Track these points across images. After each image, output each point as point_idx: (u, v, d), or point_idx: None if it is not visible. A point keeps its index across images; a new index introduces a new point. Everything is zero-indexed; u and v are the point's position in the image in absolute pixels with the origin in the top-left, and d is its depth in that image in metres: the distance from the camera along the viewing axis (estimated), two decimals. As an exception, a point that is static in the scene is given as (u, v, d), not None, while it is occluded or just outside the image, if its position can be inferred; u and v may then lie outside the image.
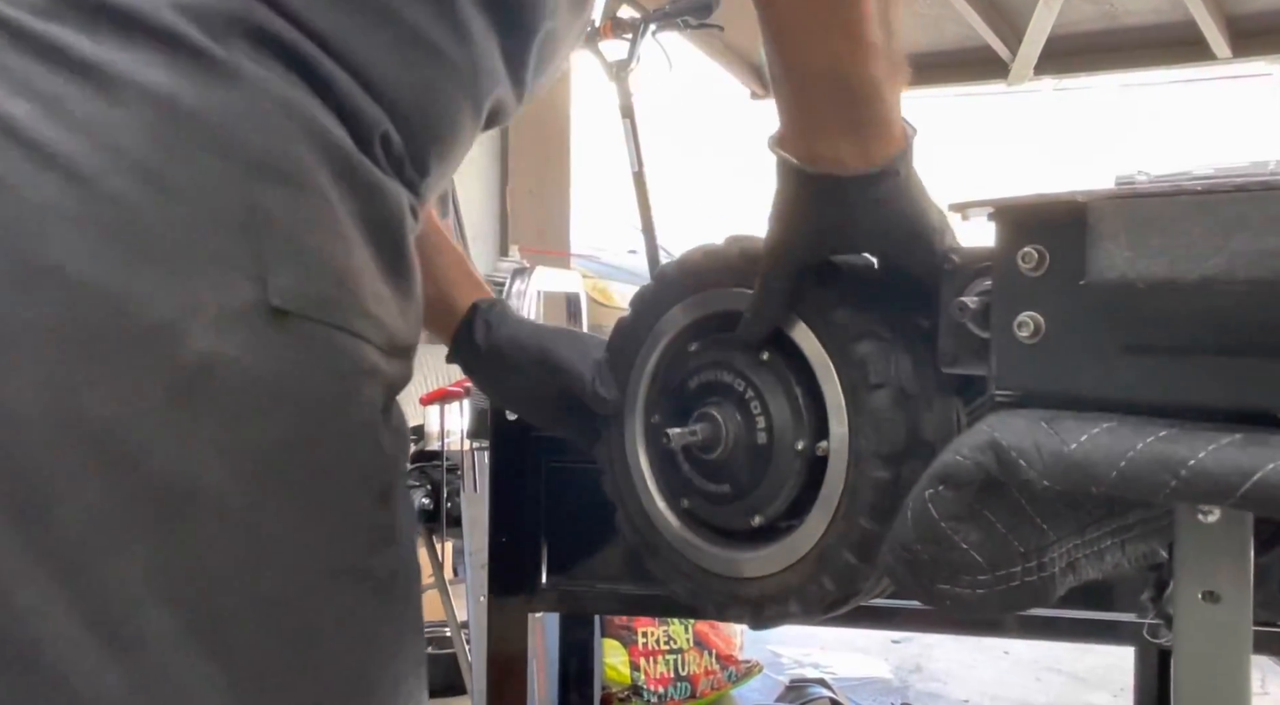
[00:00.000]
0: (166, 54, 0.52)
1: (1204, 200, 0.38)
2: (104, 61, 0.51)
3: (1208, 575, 0.47)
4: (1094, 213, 0.41)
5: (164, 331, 0.50)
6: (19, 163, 0.49)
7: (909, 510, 0.50)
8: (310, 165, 0.56)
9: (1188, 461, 0.40)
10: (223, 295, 0.52)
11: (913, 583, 0.52)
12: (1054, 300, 0.46)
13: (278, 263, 0.54)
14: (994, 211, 0.48)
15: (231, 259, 0.53)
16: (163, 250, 0.51)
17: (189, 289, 0.51)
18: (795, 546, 0.64)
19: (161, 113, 0.52)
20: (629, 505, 0.73)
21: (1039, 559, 0.52)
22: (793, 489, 0.63)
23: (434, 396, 1.55)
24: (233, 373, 0.52)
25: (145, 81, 0.52)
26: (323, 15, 0.57)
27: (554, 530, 0.94)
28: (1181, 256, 0.38)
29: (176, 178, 0.52)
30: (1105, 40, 3.55)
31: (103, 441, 0.49)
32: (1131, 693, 1.36)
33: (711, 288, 0.68)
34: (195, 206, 0.52)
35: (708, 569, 0.69)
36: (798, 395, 0.63)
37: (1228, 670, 0.47)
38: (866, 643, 3.05)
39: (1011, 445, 0.46)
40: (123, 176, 0.50)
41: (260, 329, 0.53)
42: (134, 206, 0.50)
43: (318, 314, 0.55)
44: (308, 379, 0.55)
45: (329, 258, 0.57)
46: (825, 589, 0.62)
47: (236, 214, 0.53)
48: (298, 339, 0.55)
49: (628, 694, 2.48)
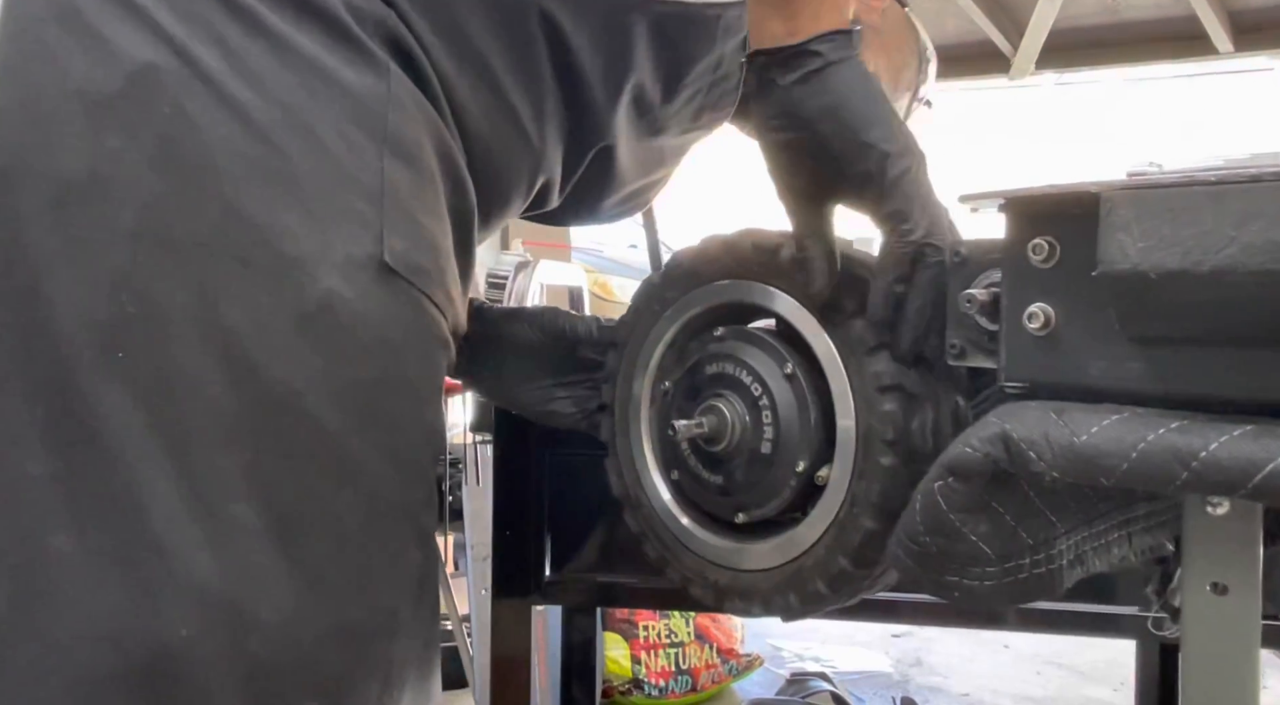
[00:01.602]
0: (333, 39, 0.60)
1: (1217, 191, 0.38)
2: (284, 32, 0.59)
3: (1216, 567, 0.47)
4: (1106, 203, 0.40)
5: (299, 265, 0.57)
6: (202, 101, 0.56)
7: (918, 502, 0.50)
8: (427, 152, 0.63)
9: (1199, 453, 0.40)
10: (350, 245, 0.59)
11: (921, 574, 0.52)
12: (1064, 292, 0.46)
13: (394, 227, 0.60)
14: (1004, 203, 0.48)
15: (360, 216, 0.59)
16: (308, 197, 0.58)
17: (324, 233, 0.58)
18: (772, 554, 0.65)
19: (324, 83, 0.59)
20: (620, 454, 0.74)
21: (1047, 551, 0.52)
22: (783, 504, 0.64)
23: (437, 390, 1.55)
24: (348, 312, 0.58)
25: (314, 54, 0.59)
26: (441, 53, 0.65)
27: (557, 523, 0.94)
28: (1194, 247, 0.38)
29: (329, 139, 0.59)
30: (1107, 34, 3.55)
31: (231, 348, 0.56)
32: (1132, 687, 1.36)
33: (751, 279, 0.67)
34: (339, 166, 0.59)
35: (682, 542, 0.70)
36: (811, 418, 0.63)
37: (1236, 662, 0.47)
38: (867, 637, 3.05)
39: (1021, 437, 0.46)
40: (286, 129, 0.58)
41: (375, 280, 0.60)
42: (291, 156, 0.58)
43: (416, 279, 0.62)
44: (403, 333, 0.62)
45: (430, 234, 0.63)
46: (790, 603, 0.64)
47: (370, 179, 0.60)
48: (400, 296, 0.61)
49: (629, 687, 2.48)
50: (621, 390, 0.74)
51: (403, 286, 0.61)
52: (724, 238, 0.69)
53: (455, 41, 0.65)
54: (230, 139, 0.56)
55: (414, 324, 0.62)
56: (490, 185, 0.71)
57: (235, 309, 0.56)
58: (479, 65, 0.67)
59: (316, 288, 0.57)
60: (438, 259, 0.64)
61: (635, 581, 0.92)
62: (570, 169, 0.76)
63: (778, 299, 0.65)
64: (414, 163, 0.62)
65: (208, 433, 0.55)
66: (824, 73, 0.60)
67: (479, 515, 1.84)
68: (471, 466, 1.72)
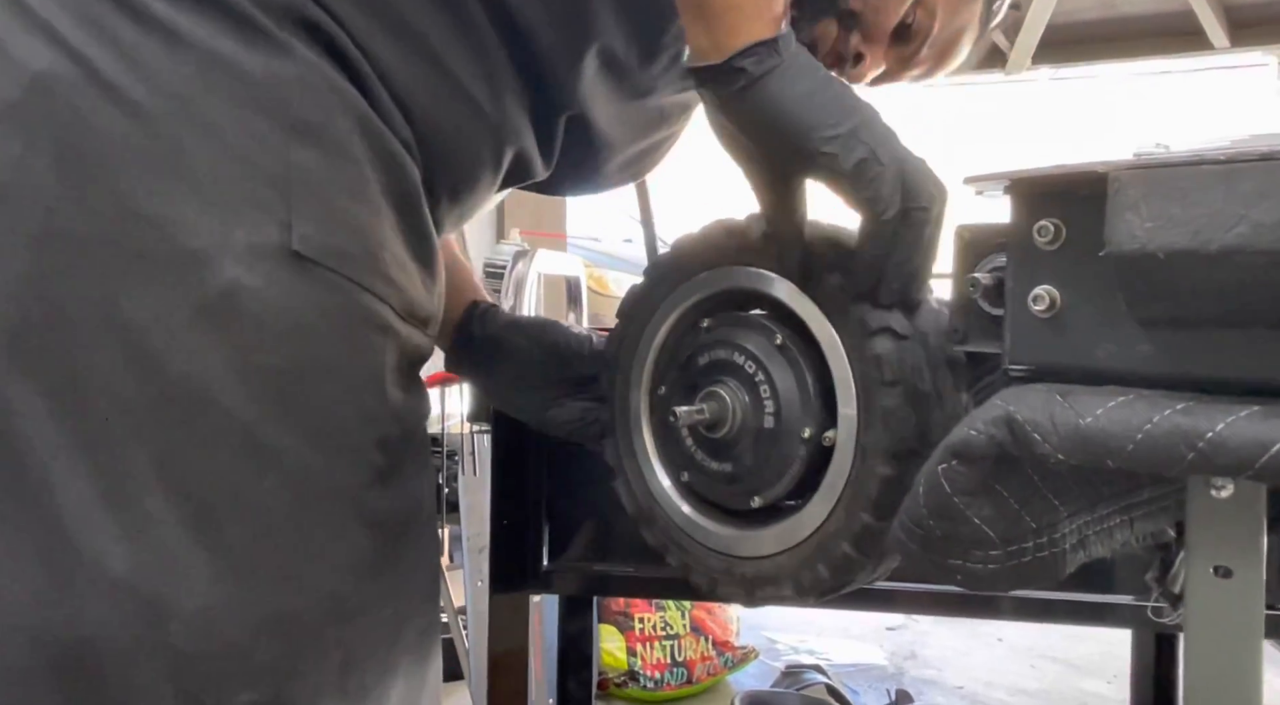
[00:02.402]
0: (232, 26, 0.59)
1: (1227, 170, 0.37)
2: (179, 24, 0.58)
3: (1220, 550, 0.47)
4: (1114, 183, 0.40)
5: (197, 257, 0.57)
6: (95, 100, 0.56)
7: (921, 485, 0.50)
8: (345, 133, 0.62)
9: (1206, 434, 0.40)
10: (252, 234, 0.58)
11: (924, 557, 0.51)
12: (1070, 274, 0.46)
13: (303, 214, 0.60)
14: (1010, 184, 0.48)
15: (263, 204, 0.59)
16: (206, 188, 0.58)
17: (224, 224, 0.58)
18: (794, 531, 0.64)
19: (221, 72, 0.59)
20: (629, 474, 0.73)
21: (1050, 534, 0.52)
22: (795, 476, 0.63)
23: (435, 379, 1.55)
24: (253, 301, 0.58)
25: (211, 45, 0.59)
26: (368, 32, 0.64)
27: (555, 514, 0.93)
28: (1204, 227, 0.38)
29: (226, 128, 0.58)
30: (1104, 30, 3.55)
31: (136, 344, 0.56)
32: (1126, 679, 1.37)
33: (727, 264, 0.68)
34: (238, 155, 0.59)
35: (704, 544, 0.69)
36: (809, 382, 0.63)
37: (1239, 645, 0.47)
38: (862, 630, 3.06)
39: (1026, 419, 0.46)
40: (181, 121, 0.58)
41: (282, 268, 0.59)
42: (187, 148, 0.58)
43: (336, 265, 0.61)
44: (320, 319, 0.61)
45: (352, 217, 0.62)
46: (820, 577, 0.63)
47: (273, 166, 0.59)
48: (315, 283, 0.60)
49: (624, 679, 2.49)
50: (620, 409, 0.73)
51: (320, 273, 0.60)
52: (696, 232, 0.70)
53: (386, 19, 0.64)
54: (125, 136, 0.56)
55: (336, 310, 0.62)
56: (447, 161, 0.70)
57: (136, 304, 0.56)
58: (416, 41, 0.66)
59: (218, 278, 0.57)
60: (365, 243, 0.63)
61: (633, 571, 0.92)
62: (545, 138, 0.75)
63: (758, 277, 0.66)
64: (327, 146, 0.61)
65: (117, 427, 0.56)
66: (753, 89, 0.58)
67: (475, 507, 1.84)
68: (468, 457, 1.72)
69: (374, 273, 0.63)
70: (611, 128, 0.78)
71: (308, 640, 0.61)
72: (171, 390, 0.57)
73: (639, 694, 2.49)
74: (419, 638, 0.71)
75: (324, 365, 0.61)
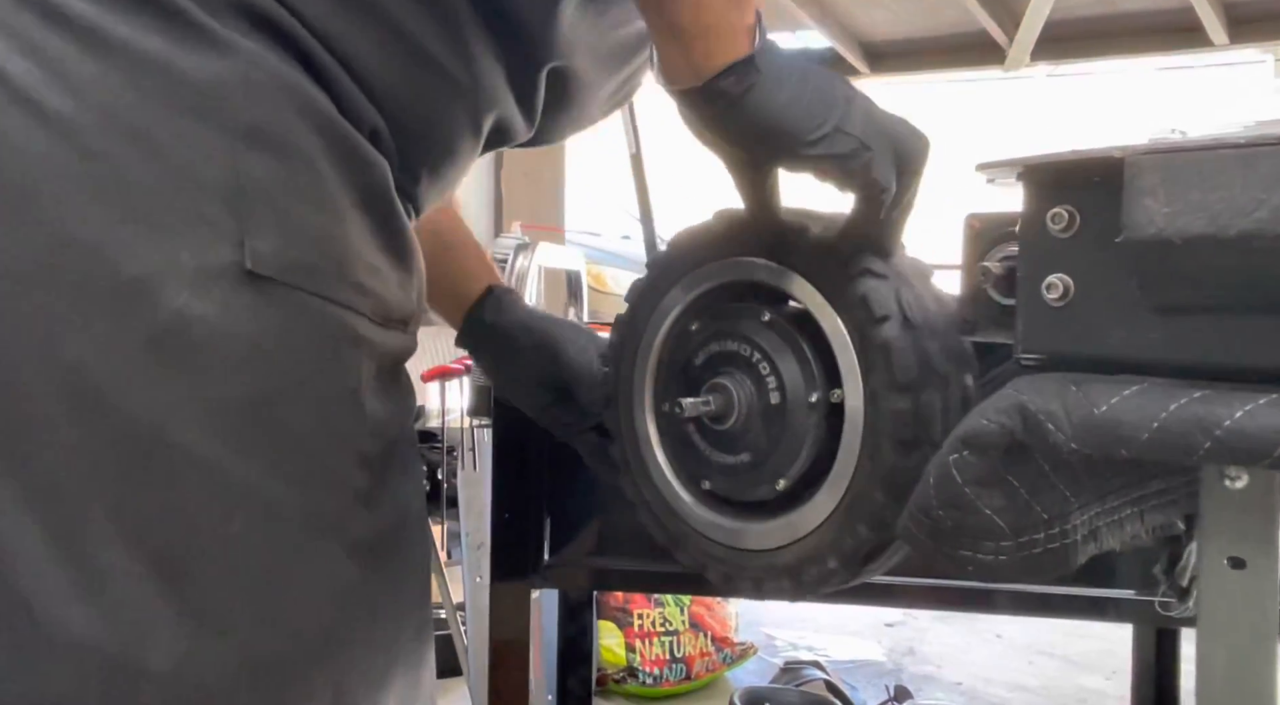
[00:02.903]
0: (164, 24, 0.54)
1: (1246, 153, 0.37)
2: (103, 27, 0.53)
3: (1234, 541, 0.46)
4: (1131, 167, 0.40)
5: (142, 286, 0.52)
6: (16, 119, 0.51)
7: (931, 475, 0.50)
8: (300, 135, 0.57)
9: (1223, 422, 0.40)
10: (201, 256, 0.53)
11: (933, 549, 0.51)
12: (1084, 261, 0.45)
13: (258, 228, 0.55)
14: (1023, 171, 0.47)
15: (211, 221, 0.54)
16: (145, 209, 0.53)
17: (168, 247, 0.53)
18: (825, 502, 0.62)
19: (154, 78, 0.54)
20: (652, 503, 0.71)
21: (1061, 525, 0.51)
22: (813, 444, 0.62)
23: (434, 373, 1.54)
24: (206, 330, 0.53)
25: (141, 48, 0.53)
26: (323, 13, 0.59)
27: (556, 508, 0.93)
28: (1222, 211, 0.37)
29: (164, 140, 0.53)
30: (1102, 26, 3.54)
31: (79, 386, 0.51)
32: (1124, 676, 1.37)
33: (709, 261, 0.68)
34: (180, 168, 0.54)
35: (740, 547, 0.67)
36: (804, 348, 0.62)
37: (1252, 637, 0.47)
38: (860, 626, 3.06)
39: (1039, 408, 0.45)
40: (113, 136, 0.52)
41: (236, 290, 0.54)
42: (121, 165, 0.52)
43: (297, 281, 0.57)
44: (282, 342, 0.57)
45: (313, 227, 0.58)
46: (860, 536, 0.61)
47: (220, 178, 0.54)
48: (275, 303, 0.56)
49: (623, 675, 2.48)
50: (629, 440, 0.72)
51: (280, 291, 0.56)
52: (681, 234, 0.70)
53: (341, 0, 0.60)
54: (51, 157, 0.51)
55: (301, 329, 0.57)
56: (423, 139, 0.67)
57: (79, 341, 0.51)
58: (375, 15, 0.61)
59: (164, 308, 0.52)
60: (330, 251, 0.58)
61: (635, 565, 0.92)
62: (526, 98, 0.71)
63: (734, 266, 0.66)
64: (282, 150, 0.56)
65: (67, 478, 0.51)
66: (735, 109, 0.56)
67: (473, 502, 1.83)
68: (467, 453, 1.71)
69: (342, 282, 0.59)
70: (594, 68, 0.74)
71: (294, 683, 0.58)
72: (123, 433, 0.52)
73: (638, 690, 2.49)
74: (412, 645, 0.68)
75: (290, 390, 0.57)
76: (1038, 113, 7.27)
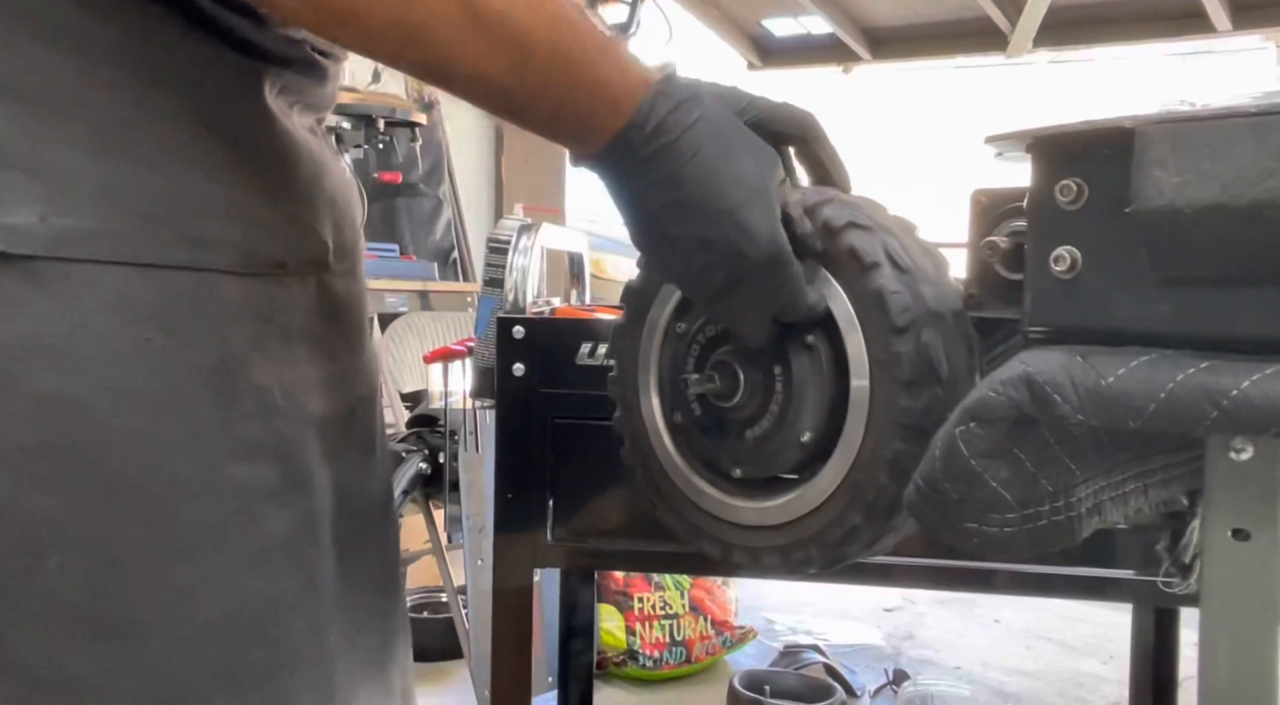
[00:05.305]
0: None
1: (1258, 122, 0.37)
2: None
3: (1238, 513, 0.46)
4: (1141, 138, 0.40)
5: None
6: None
7: (938, 448, 0.50)
8: (58, 70, 0.45)
9: (1230, 392, 0.40)
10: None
11: (940, 521, 0.51)
12: (1092, 233, 0.45)
13: (10, 200, 0.44)
14: (1032, 142, 0.47)
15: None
16: None
17: None
18: (841, 461, 0.62)
19: None
20: (670, 501, 0.70)
21: (1066, 499, 0.51)
22: (825, 397, 0.61)
23: (437, 355, 1.53)
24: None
25: None
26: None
27: (560, 487, 0.93)
28: (1233, 181, 0.37)
29: None
30: (1105, 12, 3.53)
31: None
32: (1121, 660, 1.37)
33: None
34: None
35: (762, 525, 0.66)
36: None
37: (1257, 609, 0.47)
38: (859, 611, 3.07)
39: (1046, 380, 0.45)
40: None
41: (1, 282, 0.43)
42: None
43: (83, 253, 0.45)
44: (81, 333, 0.45)
45: (90, 181, 0.45)
46: (880, 484, 0.60)
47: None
48: (51, 290, 0.44)
49: (623, 658, 2.49)
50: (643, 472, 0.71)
51: (56, 272, 0.44)
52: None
53: None
54: None
55: (97, 314, 0.45)
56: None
57: None
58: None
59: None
60: (137, 202, 0.46)
61: (638, 545, 0.92)
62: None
63: None
64: (15, 91, 0.44)
65: None
66: (623, 192, 0.54)
67: (474, 485, 1.84)
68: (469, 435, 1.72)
69: (155, 238, 0.47)
70: None
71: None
72: None
73: (638, 673, 2.50)
74: (374, 645, 0.61)
75: (96, 398, 0.45)
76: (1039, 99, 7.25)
